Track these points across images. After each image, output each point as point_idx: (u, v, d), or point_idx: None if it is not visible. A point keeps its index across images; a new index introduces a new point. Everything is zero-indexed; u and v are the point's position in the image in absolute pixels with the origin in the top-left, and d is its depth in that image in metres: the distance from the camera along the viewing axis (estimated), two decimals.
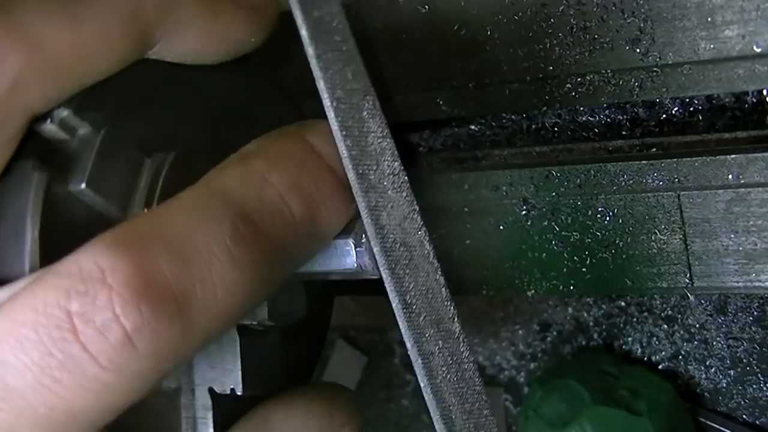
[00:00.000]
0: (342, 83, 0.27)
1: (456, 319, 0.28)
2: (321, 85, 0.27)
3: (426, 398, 0.27)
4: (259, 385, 0.33)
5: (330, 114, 0.27)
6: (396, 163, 0.28)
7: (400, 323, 0.27)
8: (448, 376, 0.27)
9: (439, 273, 0.28)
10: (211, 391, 0.32)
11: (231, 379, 0.32)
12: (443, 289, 0.28)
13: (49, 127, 0.28)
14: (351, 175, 0.27)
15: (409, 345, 0.27)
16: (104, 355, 0.23)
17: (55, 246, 0.27)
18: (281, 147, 0.28)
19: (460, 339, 0.28)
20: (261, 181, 0.27)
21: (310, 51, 0.27)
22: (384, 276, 0.27)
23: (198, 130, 0.32)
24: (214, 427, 0.31)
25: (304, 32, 0.27)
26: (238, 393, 0.32)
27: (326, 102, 0.27)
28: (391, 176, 0.28)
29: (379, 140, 0.27)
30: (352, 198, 0.28)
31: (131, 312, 0.23)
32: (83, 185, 0.28)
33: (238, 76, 0.34)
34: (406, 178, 0.28)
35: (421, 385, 0.27)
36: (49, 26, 0.26)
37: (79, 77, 0.27)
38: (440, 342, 0.27)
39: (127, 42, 0.27)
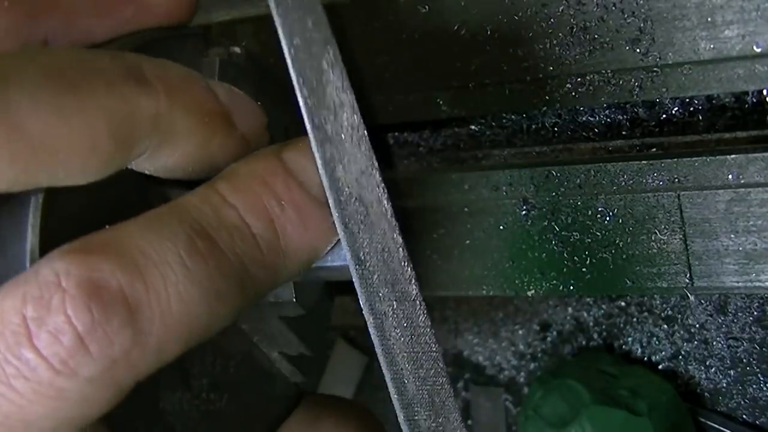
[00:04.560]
0: (301, 31, 0.26)
1: (413, 281, 0.27)
2: (280, 32, 0.26)
3: (380, 362, 0.27)
4: None
5: (288, 62, 0.27)
6: (355, 117, 0.27)
7: (354, 281, 0.27)
8: (402, 339, 0.27)
9: (397, 232, 0.27)
10: None
11: None
12: (401, 249, 0.27)
13: None
14: (307, 126, 0.27)
15: (361, 302, 0.27)
16: (58, 358, 0.23)
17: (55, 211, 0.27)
18: (249, 167, 0.28)
19: (417, 302, 0.27)
20: (220, 200, 0.27)
21: None
22: (338, 230, 0.27)
23: None
24: None
25: None
26: None
27: (285, 50, 0.26)
28: (350, 129, 0.27)
29: (339, 92, 0.27)
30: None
31: (82, 312, 0.23)
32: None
33: None
34: (365, 132, 0.27)
35: (376, 349, 0.27)
36: (35, 110, 0.24)
37: (52, 168, 0.25)
38: (394, 303, 0.27)
39: (112, 145, 0.26)
